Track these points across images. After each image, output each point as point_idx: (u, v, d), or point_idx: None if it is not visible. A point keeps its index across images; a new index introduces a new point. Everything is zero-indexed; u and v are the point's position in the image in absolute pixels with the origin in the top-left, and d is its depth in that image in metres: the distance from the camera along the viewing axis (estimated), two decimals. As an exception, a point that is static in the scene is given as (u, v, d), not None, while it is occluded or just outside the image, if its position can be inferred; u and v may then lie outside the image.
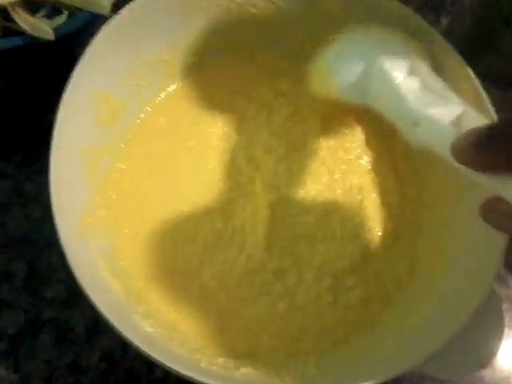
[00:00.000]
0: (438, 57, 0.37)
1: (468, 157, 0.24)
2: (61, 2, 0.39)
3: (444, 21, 0.53)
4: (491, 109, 0.35)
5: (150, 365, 0.39)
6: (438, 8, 0.54)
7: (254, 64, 0.43)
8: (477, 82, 0.36)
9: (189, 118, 0.40)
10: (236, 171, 0.39)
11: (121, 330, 0.29)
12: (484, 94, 0.36)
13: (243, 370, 0.33)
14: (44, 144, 0.33)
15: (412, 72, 0.34)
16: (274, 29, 0.41)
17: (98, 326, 0.40)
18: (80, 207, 0.35)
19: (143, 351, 0.29)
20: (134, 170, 0.39)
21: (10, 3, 0.39)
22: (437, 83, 0.33)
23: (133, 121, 0.40)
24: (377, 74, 0.34)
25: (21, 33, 0.37)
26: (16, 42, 0.37)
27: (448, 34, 0.37)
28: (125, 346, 0.39)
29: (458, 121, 0.29)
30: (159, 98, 0.41)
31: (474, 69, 0.36)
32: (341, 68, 0.36)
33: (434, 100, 0.31)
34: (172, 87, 0.41)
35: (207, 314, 0.36)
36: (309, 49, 0.42)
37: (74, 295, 0.40)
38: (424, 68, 0.35)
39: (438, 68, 0.37)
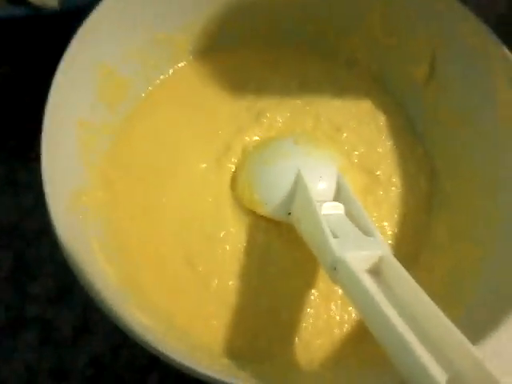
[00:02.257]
0: (468, 38, 0.35)
1: None
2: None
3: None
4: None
5: (143, 371, 0.35)
6: None
7: (268, 53, 0.40)
8: (513, 61, 0.33)
9: (195, 94, 0.38)
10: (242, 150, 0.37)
11: (118, 315, 0.26)
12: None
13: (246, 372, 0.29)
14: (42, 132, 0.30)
15: (337, 197, 0.33)
16: (289, 14, 0.39)
17: (86, 326, 0.35)
18: (74, 184, 0.32)
19: (144, 341, 0.25)
20: (136, 149, 0.36)
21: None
22: (360, 210, 0.32)
23: (138, 98, 0.37)
24: (300, 197, 0.33)
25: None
26: (19, 12, 0.35)
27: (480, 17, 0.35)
28: (115, 349, 0.35)
29: (375, 268, 0.28)
30: (167, 74, 0.38)
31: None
32: (266, 192, 0.34)
33: (354, 238, 0.29)
34: (180, 64, 0.39)
35: (206, 306, 0.32)
36: (328, 39, 0.41)
37: (63, 292, 0.36)
38: (349, 190, 0.33)
39: (467, 50, 0.35)
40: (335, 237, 0.29)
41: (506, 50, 0.33)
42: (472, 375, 0.22)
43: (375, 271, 0.28)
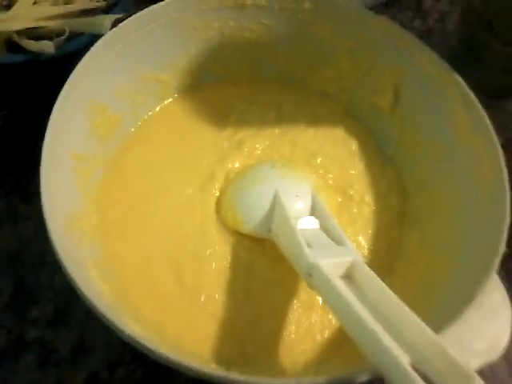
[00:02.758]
0: (426, 68, 0.39)
1: None
2: (62, 28, 0.42)
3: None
4: (482, 110, 0.36)
5: (139, 386, 0.36)
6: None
7: (247, 87, 0.44)
8: (464, 85, 0.37)
9: (181, 128, 0.41)
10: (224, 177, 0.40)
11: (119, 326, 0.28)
12: (473, 96, 0.36)
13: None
14: (39, 168, 0.33)
15: (312, 212, 0.37)
16: (265, 51, 0.43)
17: (84, 345, 0.37)
18: (71, 210, 0.34)
19: (144, 346, 0.27)
20: (126, 179, 0.39)
21: (16, 31, 0.42)
22: (333, 224, 0.35)
23: (128, 132, 0.41)
24: (278, 215, 0.36)
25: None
26: (18, 58, 0.39)
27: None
28: (112, 365, 0.37)
29: (348, 272, 0.31)
30: (155, 111, 0.42)
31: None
32: (247, 212, 0.38)
33: (327, 248, 0.33)
34: (167, 101, 0.43)
35: (195, 319, 0.34)
36: (300, 74, 0.45)
37: (62, 315, 0.38)
38: (323, 206, 0.37)
39: (426, 79, 0.39)
40: (310, 247, 0.32)
41: (458, 77, 0.37)
42: (434, 357, 0.24)
43: (347, 276, 0.31)
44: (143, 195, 0.38)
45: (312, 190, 0.38)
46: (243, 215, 0.37)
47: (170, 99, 0.43)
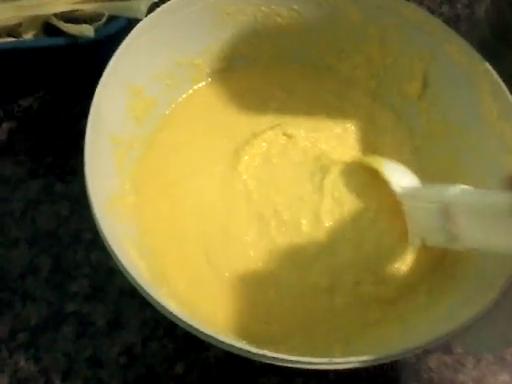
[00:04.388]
0: (455, 56, 0.39)
1: None
2: (99, 12, 0.43)
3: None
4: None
5: (170, 360, 0.38)
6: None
7: (278, 72, 0.45)
8: (495, 74, 0.37)
9: (214, 112, 0.43)
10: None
11: (156, 297, 0.30)
12: (503, 86, 0.37)
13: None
14: (76, 148, 0.35)
15: None
16: (295, 37, 0.44)
17: (119, 320, 0.39)
18: (109, 190, 0.36)
19: (179, 318, 0.29)
20: (161, 159, 0.40)
21: (54, 14, 0.43)
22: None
23: (162, 114, 0.42)
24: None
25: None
26: (58, 41, 0.40)
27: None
28: (145, 340, 0.39)
29: None
30: (187, 96, 0.43)
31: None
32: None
33: None
34: (201, 84, 0.44)
35: (223, 298, 0.36)
36: (330, 59, 0.45)
37: (97, 290, 0.40)
38: None
39: (455, 67, 0.39)
40: None
41: (488, 65, 0.37)
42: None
43: None
44: (177, 175, 0.40)
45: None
46: None
47: (203, 83, 0.44)
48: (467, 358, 0.39)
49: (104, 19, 0.41)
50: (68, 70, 0.44)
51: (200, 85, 0.44)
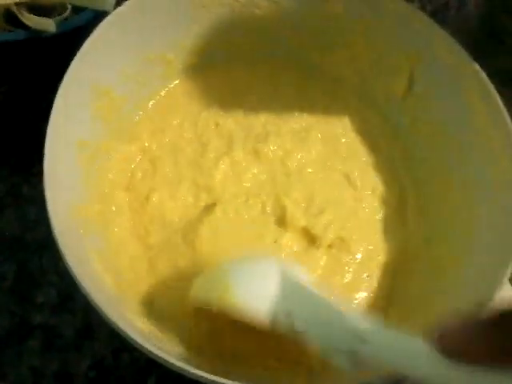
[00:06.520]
0: (443, 55, 0.37)
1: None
2: (65, 2, 0.40)
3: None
4: (501, 106, 0.35)
5: (143, 373, 0.37)
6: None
7: (254, 67, 0.43)
8: (484, 77, 0.35)
9: (187, 112, 0.40)
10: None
11: (117, 322, 0.28)
12: (492, 89, 0.35)
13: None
14: (43, 148, 0.32)
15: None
16: (276, 31, 0.41)
17: (88, 331, 0.37)
18: (74, 199, 0.34)
19: (141, 346, 0.28)
20: (130, 167, 0.38)
21: (15, 3, 0.40)
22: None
23: (132, 117, 0.39)
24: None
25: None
26: (19, 35, 0.37)
27: (454, 36, 0.37)
28: (116, 352, 0.37)
29: None
30: (159, 95, 0.41)
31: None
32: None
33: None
34: (173, 83, 0.41)
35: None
36: (310, 53, 0.43)
37: (66, 300, 0.38)
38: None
39: (442, 67, 0.37)
40: None
41: (477, 66, 0.35)
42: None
43: None
44: (145, 181, 0.38)
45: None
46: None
47: (177, 81, 0.42)
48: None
49: (68, 12, 0.38)
50: (32, 63, 0.42)
51: (173, 83, 0.41)
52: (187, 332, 0.33)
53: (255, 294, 0.29)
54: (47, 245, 0.40)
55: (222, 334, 0.34)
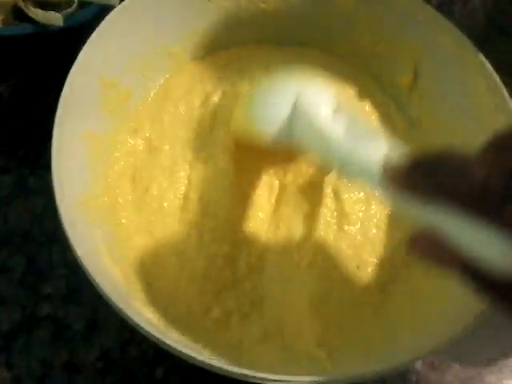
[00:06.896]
0: (449, 47, 0.37)
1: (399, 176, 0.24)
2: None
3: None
4: (507, 97, 0.35)
5: (150, 365, 0.37)
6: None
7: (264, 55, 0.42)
8: (490, 68, 0.35)
9: (193, 103, 0.40)
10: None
11: (126, 312, 0.28)
12: (498, 80, 0.35)
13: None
14: (50, 140, 0.33)
15: (337, 110, 0.33)
16: (282, 26, 0.42)
17: (96, 323, 0.38)
18: (81, 191, 0.34)
19: (150, 334, 0.28)
20: (134, 158, 0.38)
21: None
22: (361, 120, 0.33)
23: (137, 108, 0.40)
24: (300, 115, 0.33)
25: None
26: (26, 29, 0.38)
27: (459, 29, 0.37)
28: (124, 344, 0.37)
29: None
30: (163, 87, 0.41)
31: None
32: (264, 118, 0.35)
33: (359, 139, 0.30)
34: (178, 76, 0.41)
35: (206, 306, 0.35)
36: (318, 46, 0.43)
37: (74, 291, 0.38)
38: (348, 106, 0.34)
39: (448, 59, 0.37)
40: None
41: (483, 58, 0.35)
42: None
43: None
44: (151, 171, 0.38)
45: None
46: (264, 126, 0.34)
47: (182, 73, 0.41)
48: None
49: (74, 6, 0.38)
50: (39, 57, 0.42)
51: (178, 76, 0.41)
52: (196, 321, 0.34)
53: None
54: (55, 237, 0.40)
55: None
